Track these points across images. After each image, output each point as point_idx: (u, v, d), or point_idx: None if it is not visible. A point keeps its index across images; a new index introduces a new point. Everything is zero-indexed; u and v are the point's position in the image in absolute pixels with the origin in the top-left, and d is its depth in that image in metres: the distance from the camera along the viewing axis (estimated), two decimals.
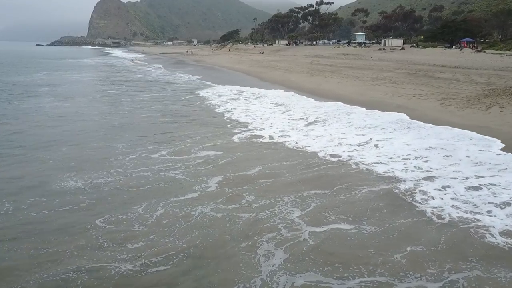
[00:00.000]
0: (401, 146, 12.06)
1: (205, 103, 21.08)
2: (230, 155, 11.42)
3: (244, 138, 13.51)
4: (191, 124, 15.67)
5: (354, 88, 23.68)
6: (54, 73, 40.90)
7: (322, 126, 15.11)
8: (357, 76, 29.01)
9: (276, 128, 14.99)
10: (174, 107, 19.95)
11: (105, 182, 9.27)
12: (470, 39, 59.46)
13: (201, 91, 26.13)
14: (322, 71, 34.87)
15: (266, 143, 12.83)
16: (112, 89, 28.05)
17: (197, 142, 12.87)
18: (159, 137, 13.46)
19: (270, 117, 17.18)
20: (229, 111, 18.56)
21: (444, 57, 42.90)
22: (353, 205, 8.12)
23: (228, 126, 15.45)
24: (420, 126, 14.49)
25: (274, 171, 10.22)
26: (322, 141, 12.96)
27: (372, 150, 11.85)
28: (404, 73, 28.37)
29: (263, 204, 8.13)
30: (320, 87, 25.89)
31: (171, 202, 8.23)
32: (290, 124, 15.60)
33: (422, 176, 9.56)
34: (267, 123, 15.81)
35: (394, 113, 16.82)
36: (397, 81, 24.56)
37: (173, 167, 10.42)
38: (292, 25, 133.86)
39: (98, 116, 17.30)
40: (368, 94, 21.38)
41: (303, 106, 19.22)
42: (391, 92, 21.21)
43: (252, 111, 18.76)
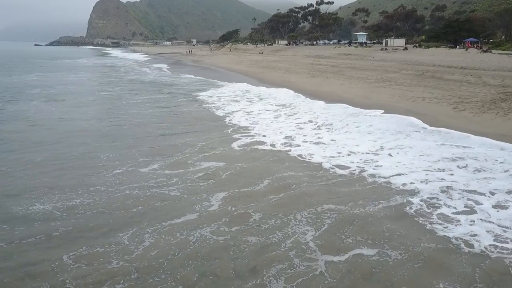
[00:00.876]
0: (417, 155, 10.81)
1: (203, 106, 19.86)
2: (232, 167, 10.20)
3: (247, 146, 12.30)
4: (189, 130, 14.40)
5: (358, 91, 22.36)
6: (47, 74, 39.59)
7: (327, 131, 13.85)
8: (361, 77, 27.70)
9: (280, 133, 13.78)
10: (170, 110, 18.75)
11: (83, 204, 7.94)
12: (474, 39, 58.16)
13: (200, 93, 24.88)
14: (324, 72, 33.56)
15: (271, 152, 11.59)
16: (106, 90, 26.81)
17: (196, 151, 11.59)
18: (153, 146, 12.15)
19: (273, 121, 16.00)
20: (230, 114, 17.45)
21: (449, 57, 41.58)
22: (371, 224, 7.00)
23: (229, 131, 14.23)
24: (434, 132, 13.20)
25: (282, 183, 9.08)
26: (331, 148, 11.80)
27: (386, 159, 10.65)
28: (410, 74, 27.06)
29: (272, 225, 7.02)
30: (322, 89, 24.59)
31: (163, 227, 6.97)
32: (295, 130, 14.37)
33: (445, 191, 8.32)
34: (270, 128, 14.58)
35: (403, 117, 15.56)
36: (404, 83, 23.25)
37: (167, 182, 9.12)
38: (292, 25, 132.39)
39: (85, 121, 15.99)
40: (373, 97, 20.08)
41: (308, 109, 17.91)
42: (398, 95, 19.90)
43: (254, 114, 17.58)
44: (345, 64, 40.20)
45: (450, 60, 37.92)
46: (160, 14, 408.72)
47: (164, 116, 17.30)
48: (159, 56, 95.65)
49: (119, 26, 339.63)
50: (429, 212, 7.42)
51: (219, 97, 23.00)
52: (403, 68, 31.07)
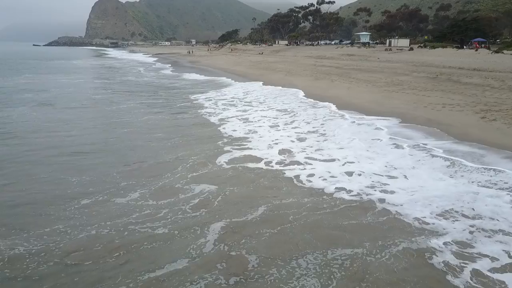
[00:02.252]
0: (441, 179, 8.79)
1: (198, 112, 18.05)
2: (225, 191, 8.43)
3: (241, 162, 10.47)
4: (181, 143, 12.49)
5: (369, 96, 20.32)
6: (38, 76, 37.49)
7: (333, 144, 11.85)
8: (369, 80, 25.66)
9: (278, 146, 11.98)
10: (164, 118, 16.85)
11: (29, 253, 5.89)
12: (482, 39, 56.19)
13: (197, 95, 22.94)
14: (328, 74, 31.53)
15: (267, 172, 9.74)
16: (98, 94, 24.87)
17: (186, 170, 9.73)
18: (136, 166, 10.08)
19: (270, 131, 14.10)
20: (225, 122, 15.70)
21: (458, 58, 39.58)
22: (393, 275, 5.40)
23: (222, 143, 12.37)
24: (465, 148, 11.14)
25: (280, 213, 7.38)
26: (336, 167, 9.93)
27: (401, 183, 8.78)
28: (423, 77, 25.01)
29: (271, 277, 5.43)
30: (328, 93, 22.55)
31: (138, 283, 5.15)
32: (295, 141, 12.55)
33: (479, 234, 6.44)
34: (267, 140, 12.71)
35: (425, 128, 13.53)
36: (418, 87, 21.21)
37: (149, 218, 7.15)
38: (292, 25, 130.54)
39: (66, 132, 13.95)
40: (386, 103, 18.03)
41: (312, 116, 15.85)
42: (414, 101, 17.86)
43: (251, 121, 15.82)
44: (350, 66, 38.17)
45: (460, 61, 35.90)
46: (160, 14, 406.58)
47: (157, 125, 15.32)
48: (156, 56, 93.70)
49: (118, 27, 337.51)
50: (460, 267, 5.53)
51: (215, 102, 21.15)
52: (413, 70, 29.03)
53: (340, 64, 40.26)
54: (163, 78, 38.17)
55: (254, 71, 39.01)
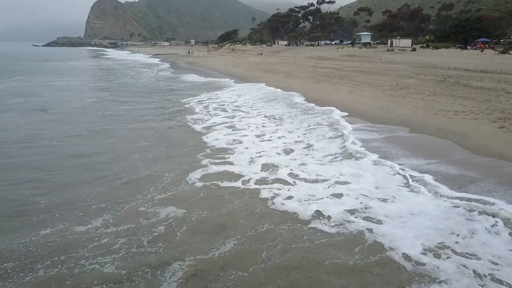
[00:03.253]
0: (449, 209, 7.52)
1: (186, 118, 17.00)
2: (192, 217, 7.36)
3: (216, 180, 9.36)
4: (160, 155, 11.39)
5: (373, 101, 19.04)
6: (32, 79, 36.06)
7: (326, 159, 10.53)
8: (372, 83, 24.37)
9: (262, 160, 10.83)
10: (151, 126, 15.67)
11: None
12: (486, 39, 54.90)
13: (189, 99, 21.77)
14: (329, 76, 30.25)
15: (244, 192, 8.64)
16: (91, 97, 23.62)
17: (156, 191, 8.63)
18: (110, 185, 9.00)
19: (255, 141, 12.95)
20: (211, 130, 14.66)
21: (463, 59, 38.25)
22: None
23: (202, 156, 11.26)
24: (485, 162, 9.86)
25: (253, 248, 6.30)
26: (323, 189, 8.74)
27: (395, 209, 7.57)
28: (430, 80, 23.70)
29: None
30: (329, 97, 21.28)
31: None
32: (282, 154, 11.41)
33: None
34: (251, 152, 11.60)
35: (437, 140, 12.26)
36: (426, 91, 19.92)
37: (103, 250, 6.18)
38: (292, 25, 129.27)
39: (46, 141, 12.83)
40: (393, 110, 16.75)
41: (308, 126, 14.56)
42: (423, 107, 16.57)
43: (239, 129, 14.78)
44: (351, 67, 36.88)
45: (466, 63, 34.59)
46: (159, 14, 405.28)
47: (142, 134, 14.22)
48: (155, 57, 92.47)
49: (117, 27, 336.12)
50: None
51: (206, 106, 20.23)
52: (419, 73, 27.72)
53: (341, 66, 38.98)
54: (160, 80, 37.00)
55: (252, 73, 37.74)
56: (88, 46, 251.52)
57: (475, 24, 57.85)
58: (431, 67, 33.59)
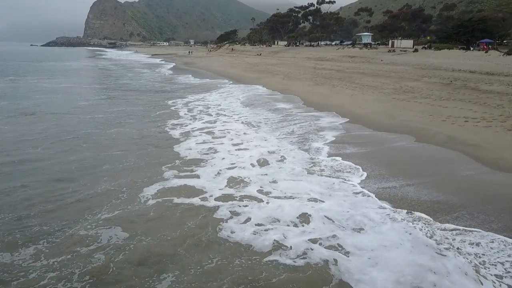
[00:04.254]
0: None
1: (167, 123, 16.01)
2: (132, 244, 6.40)
3: (175, 196, 8.41)
4: (126, 167, 10.31)
5: (376, 105, 17.89)
6: (24, 80, 34.82)
7: (303, 174, 9.37)
8: (374, 85, 23.21)
9: (230, 173, 9.78)
10: (132, 130, 14.65)
11: None
12: (490, 40, 53.75)
13: (174, 101, 20.63)
14: (329, 78, 29.10)
15: (199, 211, 7.62)
16: (83, 100, 22.43)
17: (107, 209, 7.71)
18: (63, 203, 8.03)
19: (229, 150, 11.93)
20: (187, 137, 13.66)
21: (468, 60, 37.09)
22: None
23: (167, 168, 10.17)
24: (501, 184, 8.68)
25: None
26: (293, 209, 7.65)
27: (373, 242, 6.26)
28: (435, 83, 22.52)
29: None
30: (329, 100, 20.15)
31: None
32: (255, 168, 10.27)
33: None
34: (223, 164, 10.54)
35: (448, 152, 11.10)
36: (432, 95, 18.75)
37: None
38: (292, 25, 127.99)
39: (21, 150, 11.79)
40: (397, 115, 15.59)
41: (306, 133, 13.39)
42: (430, 113, 15.41)
43: (219, 135, 13.78)
44: (352, 68, 35.72)
45: (470, 64, 33.44)
46: (159, 14, 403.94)
47: (118, 140, 13.18)
48: (153, 57, 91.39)
49: (116, 27, 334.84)
50: None
51: (191, 109, 19.31)
52: (423, 75, 26.54)
53: (342, 67, 37.82)
54: (155, 80, 35.83)
55: (250, 74, 36.60)
56: (87, 46, 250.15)
57: (478, 25, 56.68)
58: (435, 68, 32.45)
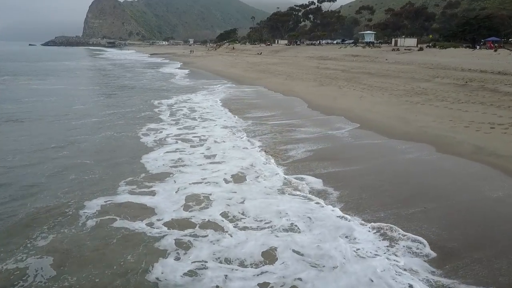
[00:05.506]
0: None
1: (145, 127, 14.74)
2: (59, 280, 5.22)
3: (120, 216, 7.17)
4: (88, 180, 9.13)
5: (388, 108, 16.50)
6: (15, 81, 33.38)
7: (284, 195, 7.96)
8: (384, 87, 21.81)
9: (191, 190, 8.45)
10: (108, 137, 13.26)
11: None
12: (497, 38, 52.31)
13: (161, 101, 19.25)
14: (334, 78, 27.70)
15: (140, 239, 6.40)
16: (76, 104, 21.01)
17: (39, 234, 6.49)
18: (4, 228, 6.79)
19: (201, 163, 10.39)
20: (160, 144, 12.39)
21: (476, 59, 35.71)
22: None
23: (125, 183, 8.86)
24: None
25: None
26: (255, 247, 6.14)
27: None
28: (449, 83, 21.11)
29: None
30: (336, 103, 18.78)
31: None
32: (229, 184, 8.87)
33: None
34: (188, 179, 9.11)
35: (476, 165, 9.72)
36: (448, 97, 17.35)
37: None
38: (292, 24, 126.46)
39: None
40: (413, 121, 14.20)
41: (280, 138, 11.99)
42: (449, 118, 14.01)
43: (194, 147, 11.99)
44: (357, 68, 34.32)
45: (480, 63, 32.05)
46: (158, 13, 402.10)
47: (94, 147, 11.93)
48: (151, 57, 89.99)
49: (115, 26, 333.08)
50: None
51: (174, 112, 17.88)
52: (434, 75, 25.14)
53: (346, 67, 36.41)
54: (151, 81, 34.38)
55: (251, 74, 35.19)
56: (86, 45, 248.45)
57: (484, 23, 55.25)
58: (443, 68, 31.07)
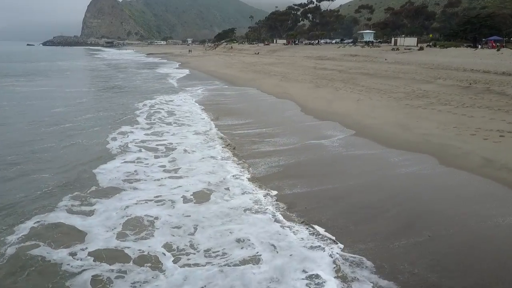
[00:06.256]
0: None
1: (115, 131, 13.65)
2: None
3: (44, 242, 6.05)
4: (30, 194, 8.00)
5: (387, 113, 15.28)
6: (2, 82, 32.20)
7: (247, 219, 6.73)
8: (383, 89, 20.59)
9: (135, 212, 7.24)
10: (78, 145, 12.00)
11: None
12: (499, 37, 51.13)
13: (142, 103, 18.02)
14: (331, 79, 26.48)
15: (61, 275, 5.27)
16: (58, 107, 19.79)
17: None
18: None
19: (159, 178, 9.06)
20: (122, 151, 11.28)
21: (479, 59, 34.49)
22: None
23: (67, 200, 7.70)
24: None
25: None
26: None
27: None
28: (452, 85, 19.88)
29: None
30: (332, 106, 17.57)
31: None
32: (188, 203, 7.70)
33: None
34: (137, 196, 7.95)
35: (485, 183, 8.49)
36: (451, 101, 16.13)
37: None
38: (291, 23, 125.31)
39: None
40: (414, 127, 12.99)
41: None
42: (454, 124, 12.80)
43: (152, 159, 10.61)
44: (355, 68, 33.10)
45: (483, 63, 30.86)
46: (157, 13, 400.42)
47: (60, 157, 10.67)
48: (147, 57, 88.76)
49: (114, 26, 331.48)
50: None
51: (150, 115, 16.66)
52: (436, 76, 23.92)
53: (344, 67, 35.19)
54: (143, 82, 33.15)
55: (245, 75, 33.96)
56: (84, 45, 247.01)
57: (486, 22, 54.09)
58: (445, 68, 29.88)
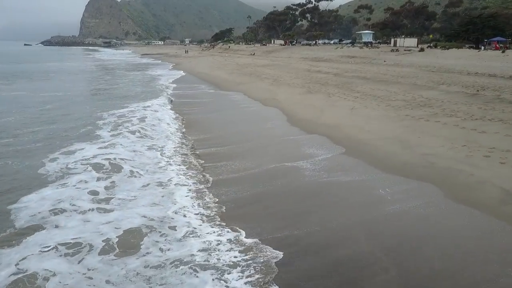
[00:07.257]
0: None
1: (72, 144, 11.58)
2: None
3: None
4: None
5: (384, 125, 13.30)
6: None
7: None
8: (380, 95, 18.59)
9: (49, 265, 5.66)
10: (34, 160, 9.92)
11: None
12: (502, 38, 49.14)
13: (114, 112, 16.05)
14: (324, 84, 24.49)
15: None
16: (26, 112, 17.81)
17: None
18: None
19: (89, 208, 7.41)
20: (65, 174, 9.28)
21: (483, 62, 32.53)
22: None
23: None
24: None
25: None
26: None
27: None
28: (457, 92, 17.86)
29: None
30: (322, 116, 15.60)
31: None
32: (112, 250, 5.98)
33: None
34: (56, 239, 6.24)
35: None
36: (458, 111, 14.13)
37: None
38: (289, 24, 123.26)
39: None
40: (415, 144, 11.02)
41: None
42: (462, 141, 10.81)
43: (93, 183, 8.64)
44: (352, 71, 31.10)
45: (487, 66, 28.90)
46: (156, 13, 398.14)
47: (10, 176, 8.69)
48: (142, 57, 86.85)
49: (112, 25, 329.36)
50: None
51: (117, 126, 14.61)
52: (439, 81, 21.89)
53: (340, 70, 33.21)
54: (127, 85, 31.16)
55: (235, 78, 31.98)
56: (81, 45, 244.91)
57: (488, 22, 52.08)
58: (447, 71, 27.91)
